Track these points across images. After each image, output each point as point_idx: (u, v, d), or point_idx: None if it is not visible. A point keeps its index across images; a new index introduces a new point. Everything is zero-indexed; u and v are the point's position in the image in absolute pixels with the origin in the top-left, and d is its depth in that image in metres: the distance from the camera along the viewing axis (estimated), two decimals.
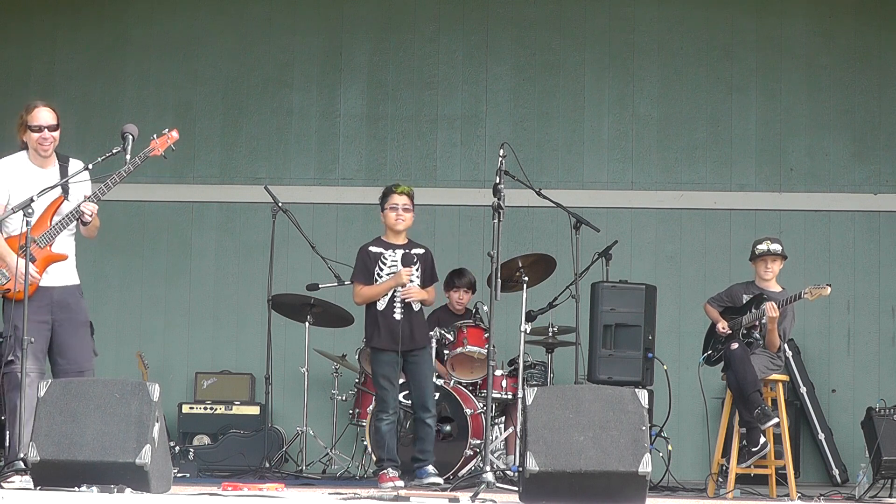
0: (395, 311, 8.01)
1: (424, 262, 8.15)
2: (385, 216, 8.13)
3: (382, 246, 8.11)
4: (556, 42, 10.93)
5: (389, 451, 7.98)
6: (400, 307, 8.00)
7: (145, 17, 11.08)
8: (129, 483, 6.05)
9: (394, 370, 8.00)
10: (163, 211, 10.90)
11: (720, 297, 8.56)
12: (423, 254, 8.16)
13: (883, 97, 10.76)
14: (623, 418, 6.20)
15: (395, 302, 8.02)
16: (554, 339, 9.18)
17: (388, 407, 7.97)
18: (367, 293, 8.05)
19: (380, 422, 8.00)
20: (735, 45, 10.86)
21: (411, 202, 8.14)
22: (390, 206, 8.10)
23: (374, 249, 8.11)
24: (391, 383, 7.99)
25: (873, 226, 10.68)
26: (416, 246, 8.18)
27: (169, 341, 10.74)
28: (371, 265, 8.05)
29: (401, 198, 8.10)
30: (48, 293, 7.07)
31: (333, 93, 10.96)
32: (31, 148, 7.27)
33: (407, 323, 8.00)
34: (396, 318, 7.98)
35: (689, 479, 9.24)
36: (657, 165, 10.82)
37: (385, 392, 7.98)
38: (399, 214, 8.08)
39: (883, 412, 8.58)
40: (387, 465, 7.95)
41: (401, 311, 8.00)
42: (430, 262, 8.20)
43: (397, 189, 8.13)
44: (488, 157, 10.71)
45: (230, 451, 9.75)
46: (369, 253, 8.10)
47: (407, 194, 8.13)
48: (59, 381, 6.36)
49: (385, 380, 7.98)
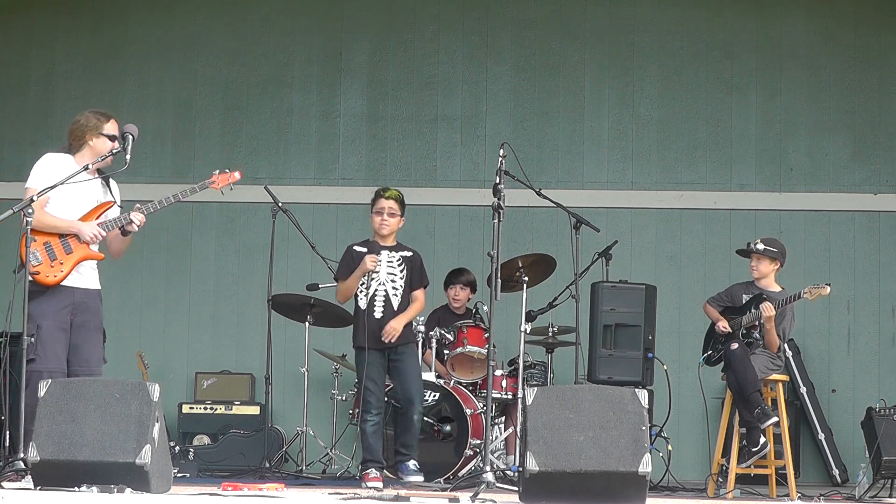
0: (375, 310, 8.06)
1: (411, 265, 8.19)
2: (372, 219, 8.23)
3: (368, 246, 8.18)
4: (556, 42, 10.93)
5: (373, 452, 8.05)
6: (381, 306, 8.06)
7: (145, 18, 11.08)
8: (129, 483, 6.05)
9: (376, 370, 8.06)
10: (163, 211, 10.84)
11: (720, 297, 8.56)
12: (409, 256, 8.20)
13: (883, 97, 10.76)
14: (623, 418, 6.20)
15: (376, 301, 8.07)
16: (554, 339, 9.18)
17: (371, 407, 8.04)
18: (343, 287, 8.18)
19: (364, 423, 8.08)
20: (735, 45, 10.86)
21: (399, 207, 8.19)
22: (376, 210, 8.20)
23: (358, 249, 8.20)
24: (374, 383, 8.05)
25: (873, 226, 10.68)
26: (403, 249, 8.22)
27: (169, 341, 10.74)
28: (353, 264, 8.13)
29: (387, 202, 8.16)
30: (71, 293, 7.13)
31: (333, 93, 10.96)
32: (91, 153, 7.26)
33: (384, 321, 8.05)
34: (376, 317, 8.05)
35: (689, 479, 9.24)
36: (657, 165, 10.82)
37: (368, 392, 8.05)
38: (383, 219, 8.16)
39: (883, 412, 8.58)
40: (370, 466, 8.02)
41: (381, 310, 8.06)
42: (419, 266, 8.24)
43: (385, 193, 8.21)
44: (488, 157, 10.72)
45: (230, 451, 9.75)
46: (353, 252, 8.19)
47: (395, 199, 8.18)
48: (60, 381, 6.35)
49: (368, 380, 8.04)
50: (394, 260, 8.16)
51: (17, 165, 10.87)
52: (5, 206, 7.23)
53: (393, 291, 8.13)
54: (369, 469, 8.00)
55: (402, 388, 8.12)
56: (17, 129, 10.98)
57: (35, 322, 6.97)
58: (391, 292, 8.12)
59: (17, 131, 10.98)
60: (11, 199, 7.69)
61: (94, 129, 7.32)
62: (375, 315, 8.06)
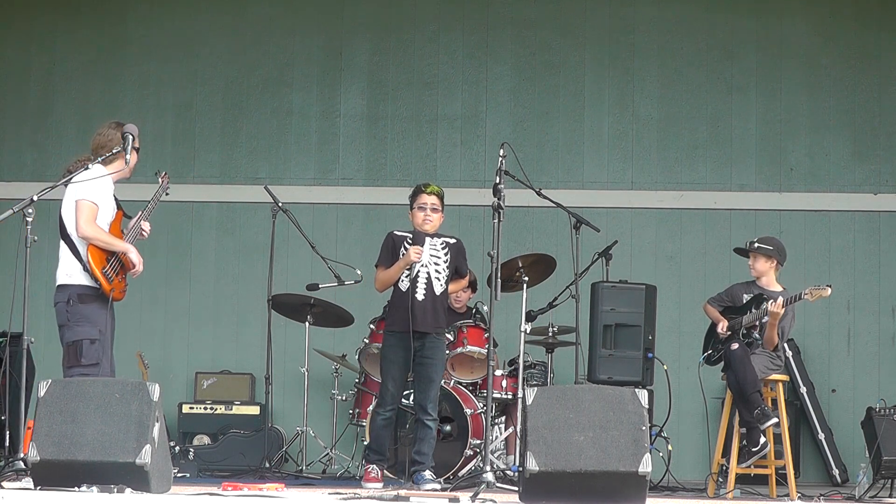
0: (418, 292, 7.92)
1: (456, 251, 8.07)
2: (413, 215, 8.07)
3: (412, 236, 8.04)
4: (556, 42, 10.93)
5: (379, 443, 8.00)
6: (423, 289, 7.92)
7: (145, 17, 11.08)
8: (129, 483, 6.05)
9: (399, 367, 7.91)
10: (162, 211, 10.85)
11: (720, 297, 8.56)
12: (453, 243, 8.09)
13: (883, 97, 10.76)
14: (623, 418, 6.20)
15: (418, 284, 7.93)
16: (554, 339, 9.18)
17: (386, 403, 7.97)
18: (383, 276, 8.01)
19: (376, 415, 8.05)
20: (735, 45, 10.86)
21: (440, 203, 8.09)
22: (419, 206, 8.05)
23: (399, 233, 8.06)
24: (394, 381, 7.92)
25: (873, 226, 10.68)
26: (447, 236, 8.12)
27: (169, 341, 10.74)
28: (395, 248, 7.99)
29: (430, 197, 8.05)
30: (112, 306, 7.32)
31: (333, 93, 10.96)
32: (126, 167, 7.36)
33: (429, 304, 7.91)
34: (419, 299, 7.89)
35: (689, 479, 9.23)
36: (657, 165, 10.82)
37: (386, 389, 7.96)
38: (427, 215, 8.03)
39: (883, 412, 8.58)
40: (371, 455, 7.98)
41: (423, 293, 7.92)
42: (463, 252, 8.13)
43: (427, 188, 8.07)
44: (488, 157, 10.71)
45: (230, 451, 9.75)
46: (395, 237, 8.05)
47: (437, 194, 8.07)
48: (60, 381, 6.35)
49: (389, 376, 7.91)
50: (437, 244, 8.03)
51: (17, 165, 10.91)
52: (5, 206, 7.24)
53: (436, 275, 7.98)
54: (370, 465, 7.96)
55: (420, 392, 7.98)
56: (17, 129, 10.99)
57: (97, 328, 7.12)
58: (433, 275, 7.97)
59: (17, 131, 10.98)
60: (11, 199, 7.71)
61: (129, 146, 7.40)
62: (418, 297, 7.90)
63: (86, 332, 7.08)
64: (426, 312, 7.91)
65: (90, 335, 7.08)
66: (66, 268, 7.18)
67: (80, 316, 7.09)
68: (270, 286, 9.19)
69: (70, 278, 7.16)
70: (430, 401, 7.96)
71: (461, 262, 8.14)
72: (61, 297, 7.15)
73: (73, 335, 7.10)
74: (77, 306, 7.08)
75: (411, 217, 8.09)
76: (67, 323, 7.12)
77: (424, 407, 7.95)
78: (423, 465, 7.89)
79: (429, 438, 7.94)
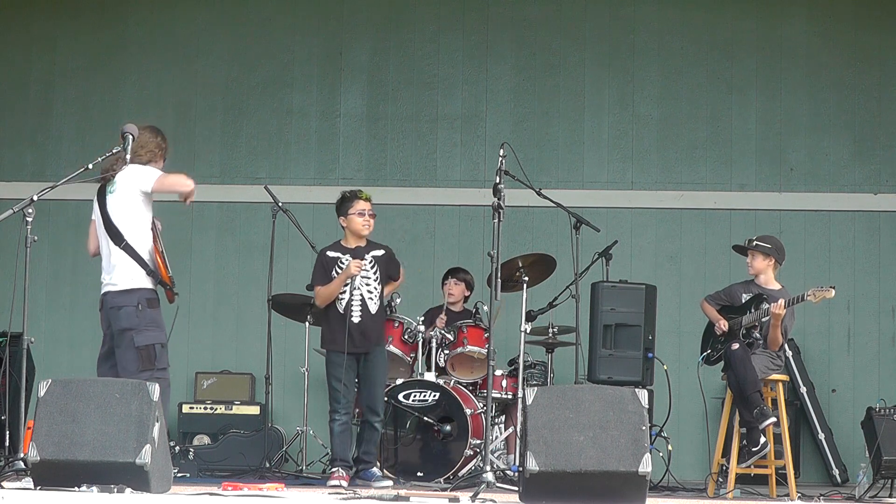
0: (353, 313, 8.09)
1: (384, 264, 8.24)
2: (350, 221, 8.21)
3: (340, 250, 8.23)
4: (556, 42, 10.93)
5: (340, 451, 8.13)
6: (358, 311, 8.09)
7: (145, 17, 11.08)
8: (129, 483, 6.05)
9: (346, 372, 8.08)
10: (162, 211, 10.85)
11: (718, 296, 8.55)
12: (380, 256, 8.24)
13: (883, 97, 10.76)
14: (623, 418, 6.20)
15: (353, 306, 8.09)
16: (554, 339, 9.17)
17: (339, 407, 8.10)
18: (324, 292, 8.18)
19: (332, 422, 8.14)
20: (735, 45, 10.86)
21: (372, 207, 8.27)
22: (357, 212, 8.19)
23: (331, 254, 8.22)
24: (344, 385, 8.08)
25: (873, 226, 10.68)
26: (375, 247, 8.26)
27: (169, 341, 10.71)
28: (329, 268, 8.17)
29: (366, 203, 8.23)
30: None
31: (333, 93, 10.96)
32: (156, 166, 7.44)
33: (367, 324, 8.11)
34: (354, 322, 8.09)
35: (689, 479, 9.23)
36: (657, 165, 10.82)
37: (336, 393, 8.10)
38: (366, 220, 8.20)
39: (883, 412, 8.58)
40: (337, 465, 8.09)
41: (359, 315, 8.10)
42: (391, 260, 8.28)
43: (363, 195, 8.25)
44: (488, 157, 10.72)
45: (230, 451, 9.74)
46: (327, 257, 8.21)
47: (369, 199, 8.26)
48: (60, 381, 6.35)
49: (336, 381, 8.09)
50: (366, 264, 8.19)
51: (17, 165, 10.90)
52: (5, 206, 7.24)
53: (369, 295, 8.17)
54: (335, 468, 8.09)
55: (367, 394, 8.18)
56: (17, 129, 10.98)
57: (164, 332, 7.22)
58: (366, 296, 8.16)
59: (17, 131, 10.98)
60: (11, 199, 7.71)
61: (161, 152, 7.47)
62: (353, 320, 8.09)
63: (156, 336, 7.16)
64: (364, 333, 8.13)
65: (160, 340, 7.18)
66: (129, 272, 7.17)
67: (150, 320, 7.15)
68: (270, 286, 9.20)
69: (135, 282, 7.18)
70: (377, 401, 8.15)
71: (392, 268, 8.30)
72: (128, 301, 7.15)
73: (146, 339, 7.13)
74: (147, 311, 7.13)
75: (346, 223, 8.22)
76: (137, 327, 7.13)
77: (372, 408, 8.14)
78: (370, 463, 8.11)
79: (374, 439, 8.16)
